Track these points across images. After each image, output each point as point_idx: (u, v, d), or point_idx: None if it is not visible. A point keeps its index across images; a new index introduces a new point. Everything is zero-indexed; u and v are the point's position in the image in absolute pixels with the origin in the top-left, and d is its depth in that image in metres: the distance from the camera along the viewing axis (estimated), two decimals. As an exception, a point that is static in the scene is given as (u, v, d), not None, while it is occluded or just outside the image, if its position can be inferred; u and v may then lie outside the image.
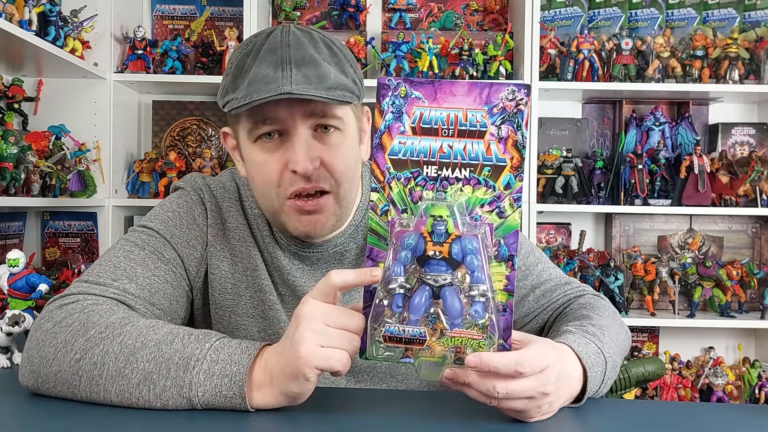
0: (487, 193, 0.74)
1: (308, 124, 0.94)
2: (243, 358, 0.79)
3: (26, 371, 0.85)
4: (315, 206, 0.96)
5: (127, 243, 1.01)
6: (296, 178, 0.94)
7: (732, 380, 2.54)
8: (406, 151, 0.75)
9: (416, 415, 0.83)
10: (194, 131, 2.68)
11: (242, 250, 1.06)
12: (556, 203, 2.46)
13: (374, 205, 0.76)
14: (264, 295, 1.05)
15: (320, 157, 0.94)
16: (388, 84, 0.75)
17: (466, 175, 0.74)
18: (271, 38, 0.95)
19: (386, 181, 0.76)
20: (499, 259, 0.74)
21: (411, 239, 0.72)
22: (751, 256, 2.63)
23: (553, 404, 0.79)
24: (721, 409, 1.05)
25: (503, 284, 0.74)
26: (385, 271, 0.72)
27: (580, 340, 0.88)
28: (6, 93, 2.21)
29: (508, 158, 0.74)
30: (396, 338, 0.71)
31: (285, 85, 0.89)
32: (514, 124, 0.74)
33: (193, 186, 1.09)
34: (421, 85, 0.75)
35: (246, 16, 2.37)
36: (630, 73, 2.47)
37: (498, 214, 0.74)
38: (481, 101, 0.74)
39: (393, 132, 0.75)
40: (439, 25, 2.73)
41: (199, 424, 0.76)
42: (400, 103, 0.75)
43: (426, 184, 0.75)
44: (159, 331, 0.83)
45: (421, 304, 0.71)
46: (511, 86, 0.74)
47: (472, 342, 0.71)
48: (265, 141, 0.95)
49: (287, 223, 0.99)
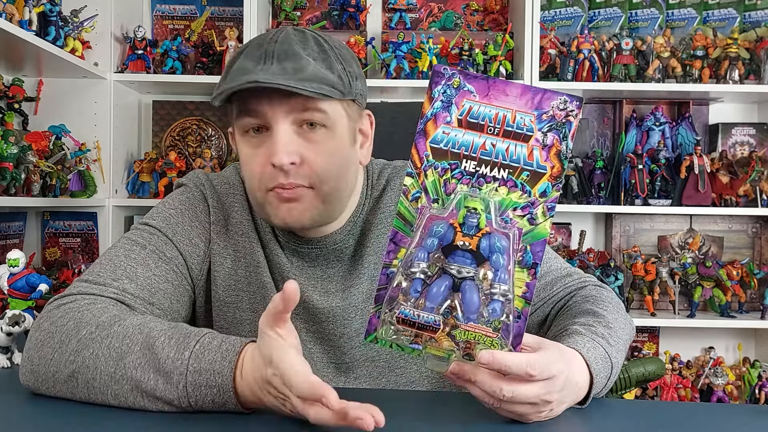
0: (522, 197, 0.74)
1: (290, 119, 0.93)
2: (224, 367, 0.76)
3: (26, 371, 0.86)
4: (292, 194, 0.95)
5: (128, 242, 1.01)
6: (276, 173, 0.93)
7: (732, 380, 2.54)
8: (448, 142, 0.74)
9: (416, 415, 0.83)
10: (194, 131, 2.68)
11: (245, 246, 1.05)
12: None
13: (407, 189, 0.75)
14: (265, 292, 1.04)
15: (301, 154, 0.93)
16: (443, 72, 0.75)
17: (504, 175, 0.74)
18: (263, 35, 0.96)
19: (423, 168, 0.74)
20: (522, 265, 0.74)
21: (440, 227, 0.72)
22: (751, 256, 2.63)
23: (554, 410, 0.79)
24: (721, 409, 1.05)
25: (522, 291, 0.74)
26: (407, 255, 0.72)
27: (589, 345, 0.87)
28: (6, 93, 2.21)
29: (549, 166, 0.74)
30: (409, 322, 0.71)
31: (255, 75, 0.89)
32: (560, 134, 0.73)
33: (196, 182, 1.09)
34: (475, 79, 0.74)
35: (246, 16, 2.37)
36: (630, 73, 2.47)
37: (529, 220, 0.74)
38: (532, 106, 0.74)
39: (439, 121, 0.75)
40: (439, 25, 2.73)
41: (200, 424, 0.76)
42: (451, 93, 0.74)
43: (462, 178, 0.74)
44: (143, 330, 0.81)
45: (439, 293, 0.71)
46: (564, 96, 0.73)
47: (485, 339, 0.71)
48: (252, 135, 0.96)
49: (270, 214, 0.98)
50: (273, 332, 0.73)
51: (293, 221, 0.97)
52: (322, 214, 0.99)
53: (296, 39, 0.95)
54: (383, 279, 0.74)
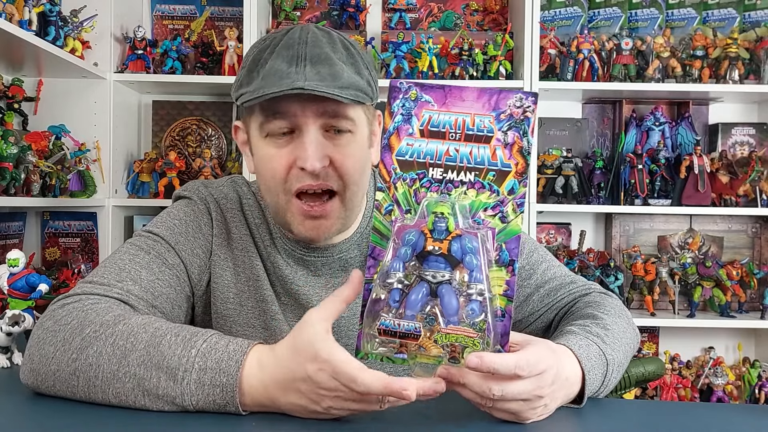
0: (490, 197, 0.75)
1: (320, 122, 0.94)
2: (231, 367, 0.77)
3: (27, 369, 0.86)
4: (322, 212, 0.96)
5: (132, 247, 1.01)
6: (303, 175, 0.94)
7: (732, 380, 2.54)
8: (413, 153, 0.76)
9: (415, 415, 0.83)
10: (194, 131, 2.68)
11: (245, 260, 1.06)
12: (556, 203, 2.46)
13: (379, 204, 0.76)
14: (266, 305, 1.04)
15: (330, 157, 0.94)
16: (399, 87, 0.77)
17: (470, 178, 0.75)
18: (290, 34, 0.95)
19: (392, 181, 0.76)
20: (500, 263, 0.74)
21: (411, 235, 0.73)
22: (751, 256, 2.63)
23: (548, 406, 0.79)
24: (721, 409, 1.05)
25: (503, 289, 0.74)
26: (383, 266, 0.73)
27: (581, 342, 0.87)
28: (6, 93, 2.21)
29: (513, 164, 0.75)
30: (391, 332, 0.72)
31: (298, 81, 0.89)
32: (520, 131, 0.75)
33: (199, 196, 1.09)
34: (432, 89, 0.76)
35: (246, 16, 2.37)
36: (630, 73, 2.47)
37: (501, 218, 0.75)
38: (489, 107, 0.75)
39: (401, 134, 0.76)
40: (439, 25, 2.73)
41: (201, 424, 0.76)
42: (410, 105, 0.76)
43: (431, 186, 0.76)
44: (148, 329, 0.82)
45: (417, 301, 0.71)
46: (519, 94, 0.75)
47: (466, 339, 0.71)
48: (276, 137, 0.96)
49: (292, 223, 0.98)
50: (326, 324, 0.75)
51: (319, 237, 0.99)
52: (344, 224, 1.01)
53: (325, 41, 0.95)
54: (366, 294, 0.75)
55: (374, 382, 0.71)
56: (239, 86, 0.96)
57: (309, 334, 0.75)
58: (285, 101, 0.92)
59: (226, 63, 2.44)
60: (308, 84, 0.89)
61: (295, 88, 0.88)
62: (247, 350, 0.78)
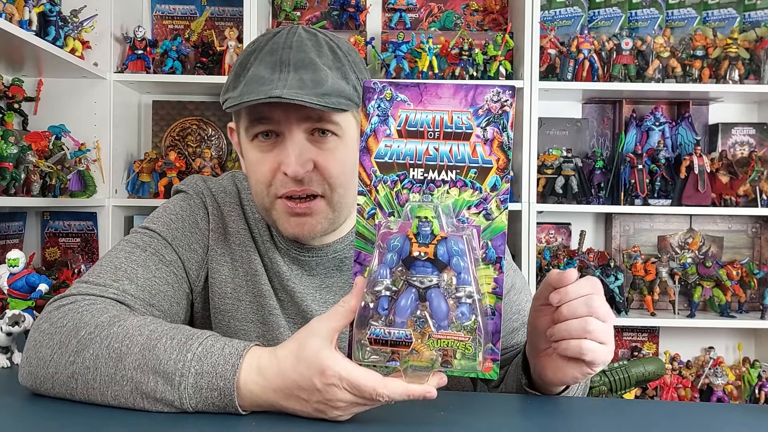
0: (473, 195, 0.74)
1: (303, 127, 0.94)
2: (227, 371, 0.76)
3: (25, 372, 0.85)
4: (305, 209, 0.96)
5: (128, 244, 1.01)
6: (287, 181, 0.94)
7: (732, 380, 2.54)
8: (392, 154, 0.75)
9: (415, 415, 0.83)
10: (194, 131, 2.68)
11: (243, 255, 1.05)
12: (556, 203, 2.46)
13: (361, 208, 0.75)
14: (264, 300, 1.04)
15: (314, 161, 0.94)
16: (373, 87, 0.75)
17: (452, 177, 0.74)
18: (276, 38, 0.95)
19: (372, 184, 0.75)
20: (486, 261, 0.74)
21: (396, 241, 0.71)
22: (751, 256, 2.63)
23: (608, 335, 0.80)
24: (721, 409, 1.04)
25: (491, 287, 0.74)
26: (370, 274, 0.72)
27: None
28: (6, 93, 2.21)
29: (494, 160, 0.74)
30: (382, 341, 0.70)
31: (276, 89, 0.89)
32: (499, 126, 0.74)
33: (196, 189, 1.09)
34: (407, 87, 0.75)
35: (246, 16, 2.37)
36: (630, 73, 2.47)
37: (485, 216, 0.74)
38: (466, 103, 0.74)
39: (379, 135, 0.75)
40: (439, 25, 2.73)
41: (200, 424, 0.76)
42: (385, 106, 0.75)
43: (412, 187, 0.74)
44: (144, 331, 0.81)
45: (407, 307, 0.70)
46: (496, 88, 0.74)
47: (458, 344, 0.70)
48: (261, 140, 0.96)
49: (278, 221, 0.98)
50: (333, 336, 0.74)
51: (304, 234, 0.98)
52: (332, 224, 1.00)
53: (310, 45, 0.94)
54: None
55: (396, 390, 0.71)
56: (226, 90, 0.96)
57: (315, 345, 0.74)
58: (268, 107, 0.92)
59: (226, 63, 2.44)
60: (286, 93, 0.88)
61: (273, 97, 0.88)
62: (243, 353, 0.77)
